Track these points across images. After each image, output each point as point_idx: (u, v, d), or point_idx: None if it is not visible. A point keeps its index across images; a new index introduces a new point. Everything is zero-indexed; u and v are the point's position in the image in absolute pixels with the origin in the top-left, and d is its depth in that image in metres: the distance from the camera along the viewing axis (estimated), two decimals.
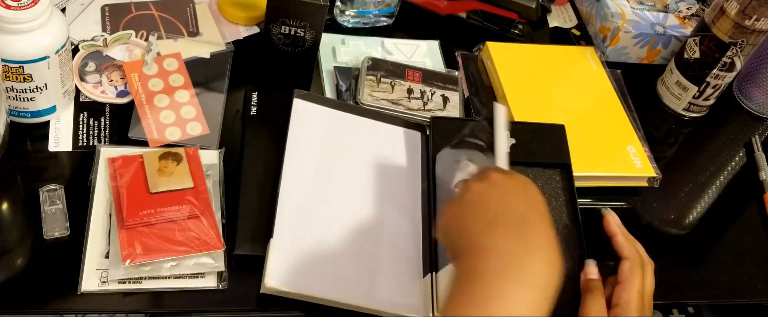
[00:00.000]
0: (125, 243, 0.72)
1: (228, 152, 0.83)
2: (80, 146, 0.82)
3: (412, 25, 1.05)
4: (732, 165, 1.00)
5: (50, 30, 0.76)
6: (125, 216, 0.74)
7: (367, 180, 0.82)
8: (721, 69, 0.96)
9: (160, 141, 0.83)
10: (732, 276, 0.87)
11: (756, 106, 1.06)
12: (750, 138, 1.02)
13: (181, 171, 0.78)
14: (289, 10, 0.86)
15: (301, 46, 0.90)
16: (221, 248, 0.74)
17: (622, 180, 0.91)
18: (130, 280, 0.72)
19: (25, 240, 0.75)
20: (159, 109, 0.86)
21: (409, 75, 0.94)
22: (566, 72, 1.01)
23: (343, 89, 0.93)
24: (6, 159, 0.80)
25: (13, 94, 0.79)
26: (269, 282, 0.71)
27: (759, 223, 0.93)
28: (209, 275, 0.74)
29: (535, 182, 0.83)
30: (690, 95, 1.00)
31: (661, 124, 1.02)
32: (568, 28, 1.11)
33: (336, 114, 0.87)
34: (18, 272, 0.72)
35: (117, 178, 0.77)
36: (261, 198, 0.78)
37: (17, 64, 0.76)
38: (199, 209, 0.75)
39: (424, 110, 0.91)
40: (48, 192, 0.76)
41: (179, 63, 0.91)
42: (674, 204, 0.93)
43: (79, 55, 0.89)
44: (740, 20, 0.91)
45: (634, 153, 0.91)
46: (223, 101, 0.89)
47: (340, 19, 1.02)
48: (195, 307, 0.73)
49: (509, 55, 1.00)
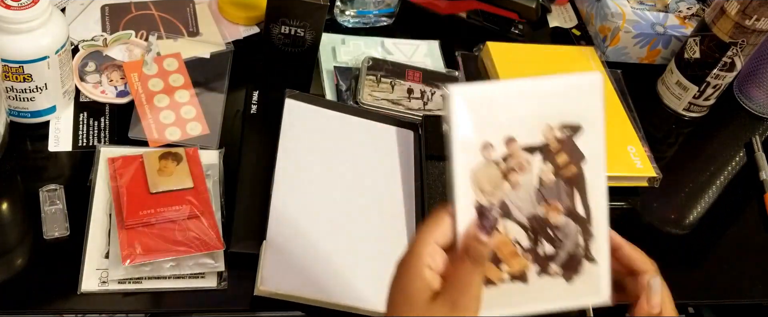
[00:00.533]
0: (125, 243, 0.72)
1: (228, 152, 0.83)
2: (80, 146, 0.82)
3: (412, 25, 1.05)
4: (732, 166, 1.00)
5: (50, 30, 0.76)
6: (125, 216, 0.74)
7: (359, 180, 0.82)
8: (722, 69, 0.96)
9: (160, 141, 0.83)
10: (732, 276, 0.87)
11: (756, 105, 1.06)
12: (750, 138, 1.02)
13: (181, 171, 0.78)
14: (289, 10, 0.86)
15: (301, 46, 0.90)
16: (221, 248, 0.74)
17: (622, 180, 0.91)
18: (130, 280, 0.72)
19: (25, 240, 0.75)
20: (159, 109, 0.86)
21: (410, 75, 0.94)
22: (566, 72, 1.01)
23: (343, 89, 0.93)
24: (6, 160, 0.80)
25: (13, 94, 0.79)
26: (262, 285, 0.71)
27: (759, 223, 0.93)
28: (209, 275, 0.74)
29: None
30: (690, 95, 1.00)
31: (662, 124, 1.02)
32: (568, 28, 1.11)
33: (329, 114, 0.87)
34: (18, 272, 0.72)
35: (117, 178, 0.77)
36: (257, 197, 0.78)
37: (17, 64, 0.76)
38: (199, 209, 0.75)
39: (424, 110, 0.91)
40: (48, 192, 0.76)
41: (179, 63, 0.91)
42: (674, 204, 0.93)
43: (79, 55, 0.89)
44: (740, 20, 0.91)
45: (634, 153, 0.91)
46: (223, 101, 0.89)
47: (340, 19, 1.02)
48: (195, 307, 0.73)
49: (509, 55, 1.00)
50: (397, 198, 0.82)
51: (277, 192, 0.77)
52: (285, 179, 0.79)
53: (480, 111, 0.52)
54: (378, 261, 0.76)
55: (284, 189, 0.78)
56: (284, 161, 0.80)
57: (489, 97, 0.53)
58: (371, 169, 0.83)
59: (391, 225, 0.79)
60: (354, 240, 0.77)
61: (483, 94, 0.53)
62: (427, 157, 0.84)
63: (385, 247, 0.77)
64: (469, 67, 1.00)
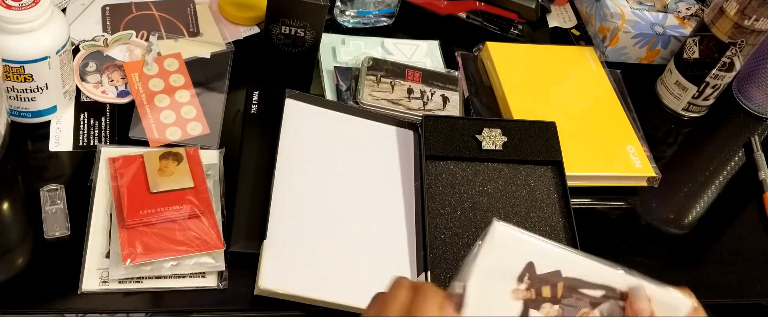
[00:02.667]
0: (126, 242, 0.72)
1: (228, 152, 0.83)
2: (81, 146, 0.82)
3: (412, 25, 1.05)
4: (731, 165, 1.00)
5: (51, 30, 0.76)
6: (126, 216, 0.74)
7: (359, 180, 0.82)
8: (721, 69, 0.96)
9: (161, 141, 0.83)
10: (732, 276, 0.87)
11: (755, 105, 1.07)
12: (749, 138, 1.03)
13: (181, 171, 0.78)
14: (289, 10, 0.86)
15: (301, 46, 0.90)
16: (221, 248, 0.74)
17: (621, 180, 0.91)
18: (131, 280, 0.72)
19: (25, 240, 0.75)
20: (159, 108, 0.86)
21: (409, 75, 0.94)
22: (566, 72, 1.01)
23: (343, 89, 0.93)
24: (7, 159, 0.80)
25: (13, 94, 0.79)
26: (262, 284, 0.71)
27: (758, 223, 0.93)
28: (210, 275, 0.74)
29: (528, 179, 0.84)
30: (689, 95, 1.00)
31: (661, 124, 1.02)
32: (568, 28, 1.11)
33: (328, 113, 0.87)
34: (19, 272, 0.72)
35: (117, 178, 0.77)
36: (257, 196, 0.78)
37: (18, 64, 0.76)
38: (199, 209, 0.75)
39: (424, 110, 0.91)
40: (49, 192, 0.76)
41: (180, 63, 0.91)
42: (674, 204, 0.93)
43: (80, 55, 0.90)
44: (740, 20, 0.91)
45: (634, 153, 0.92)
46: (224, 101, 0.89)
47: (340, 19, 1.02)
48: (196, 307, 0.73)
49: (509, 55, 1.00)
50: (397, 198, 0.82)
51: (277, 192, 0.77)
52: (285, 179, 0.79)
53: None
54: (378, 260, 0.76)
55: (284, 189, 0.78)
56: (284, 161, 0.80)
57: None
58: (371, 169, 0.83)
59: (390, 225, 0.79)
60: (354, 239, 0.77)
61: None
62: (427, 157, 0.84)
63: (385, 247, 0.77)
64: (469, 67, 1.00)
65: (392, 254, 0.77)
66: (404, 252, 0.78)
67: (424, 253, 0.77)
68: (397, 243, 0.78)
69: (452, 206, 0.81)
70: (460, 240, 0.78)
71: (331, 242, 0.76)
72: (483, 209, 0.81)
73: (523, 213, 0.82)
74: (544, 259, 0.59)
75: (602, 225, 0.88)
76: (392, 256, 0.77)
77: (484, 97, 0.97)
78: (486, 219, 0.80)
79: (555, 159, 0.86)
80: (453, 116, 0.91)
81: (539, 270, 0.59)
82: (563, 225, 0.81)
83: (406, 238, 0.79)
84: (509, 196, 0.83)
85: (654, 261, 0.86)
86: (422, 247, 0.77)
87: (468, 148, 0.85)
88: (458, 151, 0.85)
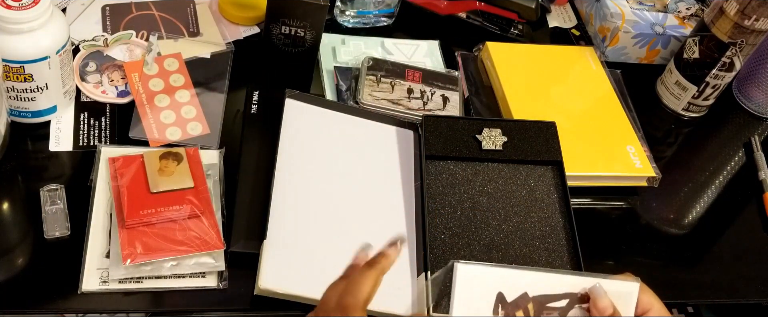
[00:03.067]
0: (126, 242, 0.72)
1: (228, 152, 0.83)
2: (81, 146, 0.82)
3: (412, 25, 1.05)
4: (731, 165, 1.00)
5: (51, 30, 0.76)
6: (126, 216, 0.74)
7: (359, 180, 0.82)
8: (721, 69, 0.96)
9: (161, 141, 0.83)
10: (731, 276, 0.87)
11: (755, 105, 1.07)
12: (749, 138, 1.03)
13: (181, 171, 0.78)
14: (289, 10, 0.86)
15: (301, 46, 0.90)
16: (222, 247, 0.74)
17: (621, 180, 0.91)
18: (131, 280, 0.72)
19: (25, 240, 0.75)
20: (159, 108, 0.86)
21: (409, 75, 0.94)
22: (566, 72, 1.01)
23: (343, 89, 0.93)
24: (7, 159, 0.80)
25: (13, 94, 0.79)
26: (262, 284, 0.71)
27: (758, 223, 0.93)
28: (210, 274, 0.74)
29: (528, 179, 0.84)
30: (689, 95, 1.00)
31: (661, 124, 1.02)
32: (568, 28, 1.11)
33: (329, 113, 0.87)
34: (19, 271, 0.72)
35: (117, 178, 0.77)
36: (257, 196, 0.78)
37: (18, 64, 0.76)
38: (199, 209, 0.75)
39: (424, 110, 0.91)
40: (49, 192, 0.76)
41: (180, 63, 0.91)
42: (674, 204, 0.93)
43: (80, 55, 0.90)
44: (740, 20, 0.91)
45: (634, 153, 0.92)
46: (224, 101, 0.89)
47: (340, 19, 1.02)
48: (195, 307, 0.73)
49: (509, 55, 1.00)
50: (397, 198, 0.82)
51: (277, 192, 0.77)
52: (285, 179, 0.79)
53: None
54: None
55: (284, 189, 0.78)
56: (284, 161, 0.80)
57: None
58: (371, 169, 0.83)
59: (390, 225, 0.79)
60: (354, 239, 0.77)
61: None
62: (427, 157, 0.84)
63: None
64: (469, 67, 1.00)
65: None
66: (404, 252, 0.78)
67: (424, 253, 0.77)
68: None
69: (452, 206, 0.81)
70: (460, 240, 0.78)
71: (331, 242, 0.76)
72: (483, 209, 0.81)
73: (523, 213, 0.81)
74: (510, 286, 0.66)
75: (602, 225, 0.88)
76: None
77: (484, 97, 0.97)
78: (486, 219, 0.80)
79: (555, 159, 0.86)
80: (453, 116, 0.91)
81: (509, 297, 0.66)
82: (563, 225, 0.81)
83: (407, 237, 0.79)
84: (509, 196, 0.83)
85: (654, 261, 0.86)
86: (422, 247, 0.77)
87: (468, 147, 0.85)
88: (458, 151, 0.85)
